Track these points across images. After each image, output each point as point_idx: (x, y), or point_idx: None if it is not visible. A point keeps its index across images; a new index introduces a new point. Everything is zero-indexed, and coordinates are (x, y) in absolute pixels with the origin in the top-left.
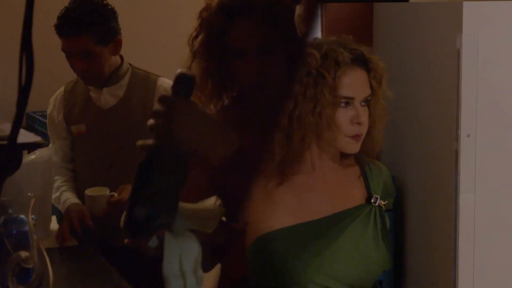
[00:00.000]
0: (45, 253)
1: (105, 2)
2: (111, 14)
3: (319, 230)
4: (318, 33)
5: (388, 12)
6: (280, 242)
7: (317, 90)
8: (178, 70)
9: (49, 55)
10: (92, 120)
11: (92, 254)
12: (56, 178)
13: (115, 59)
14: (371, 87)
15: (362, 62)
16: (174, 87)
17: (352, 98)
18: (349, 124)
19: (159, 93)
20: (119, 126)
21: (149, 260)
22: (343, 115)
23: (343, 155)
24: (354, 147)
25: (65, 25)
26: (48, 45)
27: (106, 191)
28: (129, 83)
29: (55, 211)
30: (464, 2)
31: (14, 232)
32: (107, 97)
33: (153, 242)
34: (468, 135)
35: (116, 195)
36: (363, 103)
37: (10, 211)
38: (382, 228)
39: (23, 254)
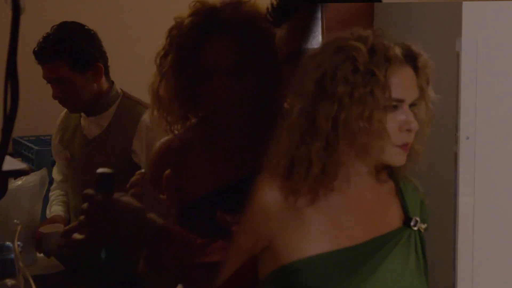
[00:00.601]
0: (31, 280)
1: (85, 27)
2: (89, 40)
3: (358, 259)
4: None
5: (389, 13)
6: (312, 272)
7: (367, 90)
8: (98, 170)
9: (37, 79)
10: (76, 148)
11: (78, 280)
12: (52, 193)
13: (99, 86)
14: (418, 88)
15: (410, 59)
16: (95, 186)
17: (402, 101)
18: (398, 131)
19: (140, 130)
20: (99, 157)
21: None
22: (392, 121)
23: (378, 169)
24: (401, 159)
25: (40, 52)
26: (36, 69)
27: (60, 228)
28: (115, 114)
29: None
30: (464, 3)
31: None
32: (92, 126)
33: None
34: (467, 138)
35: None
36: (410, 107)
37: None
38: (422, 258)
39: (9, 282)
